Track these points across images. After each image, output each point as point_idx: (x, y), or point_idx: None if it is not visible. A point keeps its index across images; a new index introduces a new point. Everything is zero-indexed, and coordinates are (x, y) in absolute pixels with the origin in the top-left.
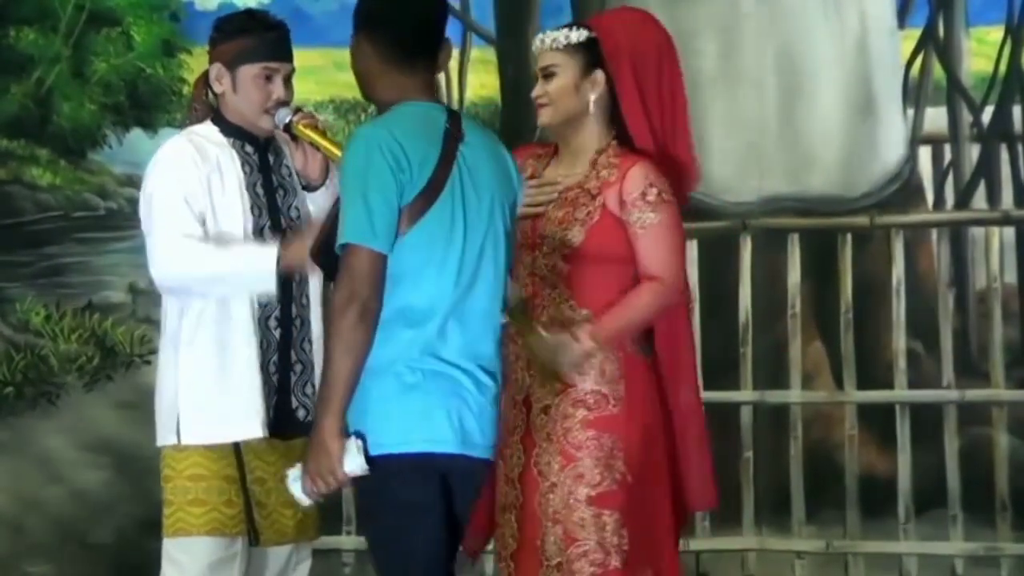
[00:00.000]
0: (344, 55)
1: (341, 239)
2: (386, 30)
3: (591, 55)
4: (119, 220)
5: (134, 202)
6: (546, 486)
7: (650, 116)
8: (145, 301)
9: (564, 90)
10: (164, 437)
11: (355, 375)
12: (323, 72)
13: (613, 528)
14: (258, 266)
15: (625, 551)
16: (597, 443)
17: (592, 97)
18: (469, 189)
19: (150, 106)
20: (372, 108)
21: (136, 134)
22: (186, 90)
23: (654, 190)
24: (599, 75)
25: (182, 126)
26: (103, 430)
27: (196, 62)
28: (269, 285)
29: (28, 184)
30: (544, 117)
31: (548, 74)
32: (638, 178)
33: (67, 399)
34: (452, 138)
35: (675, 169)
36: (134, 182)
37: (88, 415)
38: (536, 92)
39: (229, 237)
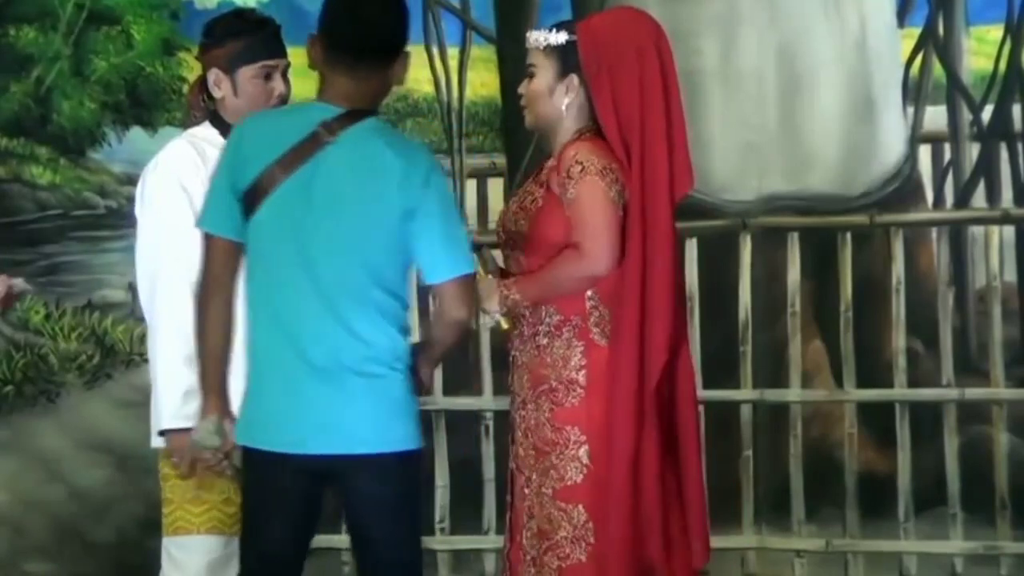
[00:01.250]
0: None
1: None
2: (329, 32)
3: (568, 58)
4: (119, 219)
5: (134, 201)
6: (522, 481)
7: (621, 118)
8: None
9: (538, 93)
10: (160, 440)
11: (206, 352)
12: None
13: (579, 522)
14: (162, 411)
15: (591, 544)
16: (561, 436)
17: (565, 101)
18: (320, 189)
19: (150, 105)
20: None
21: (136, 133)
22: (186, 88)
23: (578, 165)
24: (574, 80)
25: (184, 127)
26: (103, 429)
27: (196, 61)
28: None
29: (28, 183)
30: (526, 119)
31: (529, 74)
32: (567, 157)
33: (67, 398)
34: (315, 138)
35: (672, 166)
36: (134, 181)
37: (88, 414)
38: (520, 90)
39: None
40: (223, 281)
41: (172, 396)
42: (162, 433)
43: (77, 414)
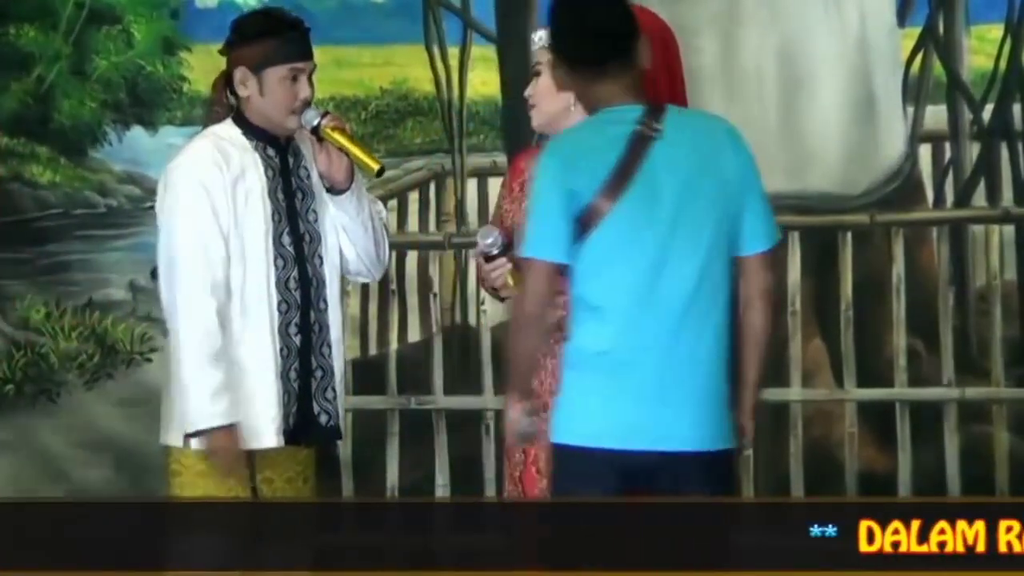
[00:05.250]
0: (345, 52)
1: None
2: (568, 51)
3: None
4: (119, 218)
5: (134, 199)
6: (544, 484)
7: None
8: (145, 299)
9: (544, 90)
10: (173, 438)
11: (529, 364)
12: (324, 70)
13: None
14: (191, 412)
15: None
16: None
17: (572, 98)
18: (666, 184)
19: (150, 104)
20: (372, 106)
21: (136, 132)
22: (186, 88)
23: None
24: None
25: (204, 123)
26: (103, 428)
27: (196, 60)
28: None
29: (28, 182)
30: (532, 119)
31: (535, 73)
32: None
33: (67, 397)
34: (641, 138)
35: None
36: (134, 179)
37: (88, 413)
38: (526, 92)
39: (251, 252)
40: (549, 300)
41: (200, 396)
42: (194, 435)
43: (77, 413)
